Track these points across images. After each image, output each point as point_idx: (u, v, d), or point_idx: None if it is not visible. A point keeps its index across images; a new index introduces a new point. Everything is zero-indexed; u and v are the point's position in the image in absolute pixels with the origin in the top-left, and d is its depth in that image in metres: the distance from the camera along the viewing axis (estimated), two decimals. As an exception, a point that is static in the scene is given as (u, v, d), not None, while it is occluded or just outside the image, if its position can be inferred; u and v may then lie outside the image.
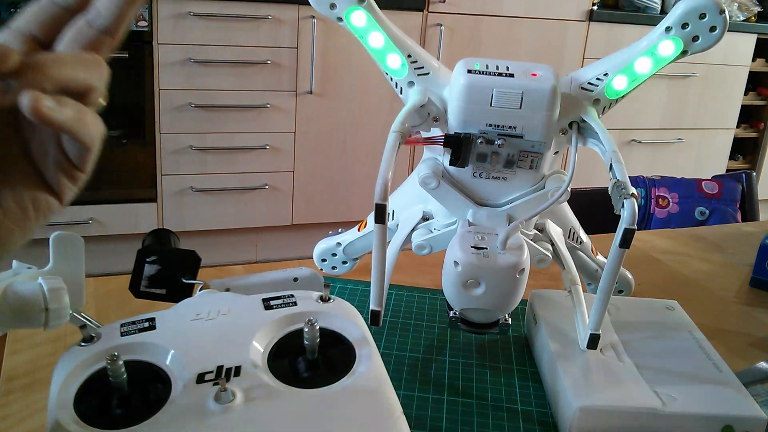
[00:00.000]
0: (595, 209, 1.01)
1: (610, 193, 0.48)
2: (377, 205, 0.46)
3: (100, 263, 2.12)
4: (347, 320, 0.42)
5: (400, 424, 0.36)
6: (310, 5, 0.54)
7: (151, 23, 1.94)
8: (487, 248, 0.50)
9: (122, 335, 0.40)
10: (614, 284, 0.50)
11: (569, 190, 0.54)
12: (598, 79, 0.54)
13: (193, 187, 2.16)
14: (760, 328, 0.70)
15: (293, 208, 2.32)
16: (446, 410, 0.52)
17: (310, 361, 0.39)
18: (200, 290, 0.48)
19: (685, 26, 0.51)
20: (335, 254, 0.69)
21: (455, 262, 0.49)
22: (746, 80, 2.85)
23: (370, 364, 0.39)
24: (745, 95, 2.90)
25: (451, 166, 0.54)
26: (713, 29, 0.50)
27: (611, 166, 0.50)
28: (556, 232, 0.61)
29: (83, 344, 0.39)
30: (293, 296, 0.44)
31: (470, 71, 0.52)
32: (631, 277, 0.70)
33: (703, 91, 2.77)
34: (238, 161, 2.19)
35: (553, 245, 0.60)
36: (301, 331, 0.40)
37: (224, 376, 0.37)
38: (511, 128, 0.52)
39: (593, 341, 0.52)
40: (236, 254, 2.35)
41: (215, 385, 0.36)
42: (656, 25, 0.52)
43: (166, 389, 0.36)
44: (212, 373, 0.37)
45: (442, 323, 0.64)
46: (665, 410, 0.48)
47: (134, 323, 0.41)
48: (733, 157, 3.06)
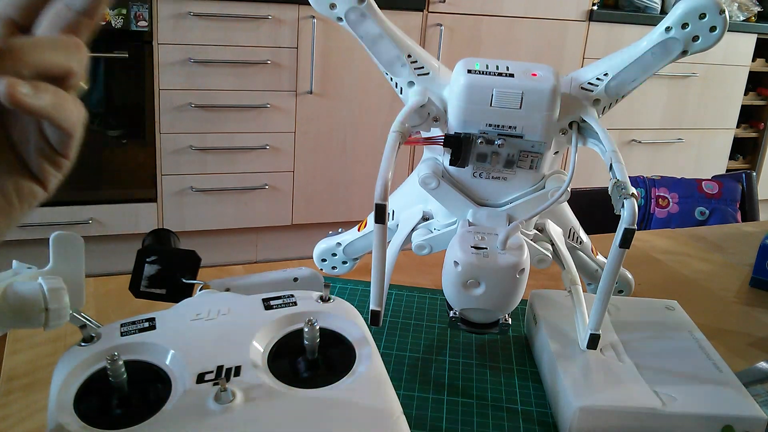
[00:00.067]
0: (595, 209, 1.01)
1: (610, 193, 0.48)
2: (377, 205, 0.46)
3: (100, 263, 2.12)
4: (347, 320, 0.42)
5: (400, 424, 0.36)
6: (310, 5, 0.54)
7: (151, 23, 1.94)
8: (487, 248, 0.50)
9: (122, 335, 0.40)
10: (614, 284, 0.50)
11: (569, 190, 0.54)
12: (598, 79, 0.54)
13: (193, 187, 2.16)
14: (760, 328, 0.70)
15: (293, 208, 2.32)
16: (446, 410, 0.52)
17: (310, 361, 0.39)
18: (200, 290, 0.48)
19: (685, 26, 0.51)
20: (335, 254, 0.69)
21: (455, 262, 0.49)
22: (746, 80, 2.85)
23: (370, 364, 0.39)
24: (745, 95, 2.90)
25: (451, 166, 0.54)
26: (713, 29, 0.50)
27: (611, 166, 0.50)
28: (556, 232, 0.61)
29: (83, 344, 0.39)
30: (293, 296, 0.44)
31: (470, 71, 0.52)
32: (631, 277, 0.70)
33: (703, 91, 2.77)
34: (238, 161, 2.19)
35: (553, 245, 0.60)
36: (301, 331, 0.40)
37: (224, 376, 0.37)
38: (511, 128, 0.52)
39: (593, 341, 0.52)
40: (236, 254, 2.35)
41: (215, 385, 0.36)
42: (656, 25, 0.52)
43: (166, 389, 0.36)
44: (212, 373, 0.37)
45: (442, 323, 0.64)
46: (665, 410, 0.48)
47: (134, 323, 0.41)
48: (733, 157, 3.06)
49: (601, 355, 0.54)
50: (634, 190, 0.47)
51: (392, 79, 0.56)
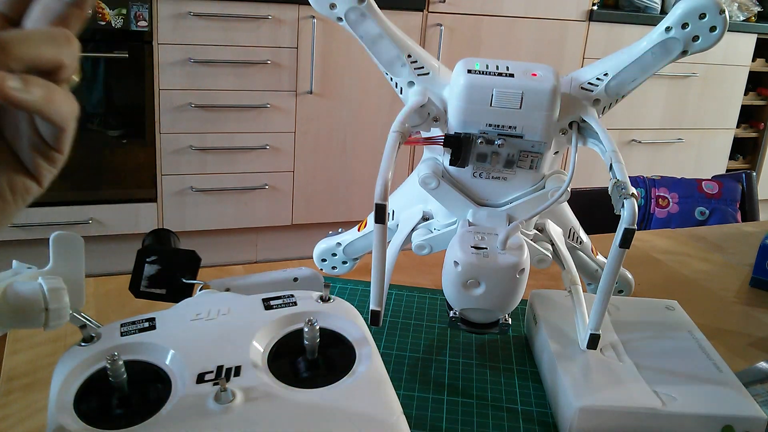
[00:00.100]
0: (595, 209, 1.01)
1: (610, 193, 0.48)
2: (377, 205, 0.46)
3: (100, 263, 2.12)
4: (347, 320, 0.42)
5: (400, 424, 0.36)
6: (310, 5, 0.54)
7: (151, 23, 1.94)
8: (487, 248, 0.50)
9: (122, 335, 0.40)
10: (614, 284, 0.50)
11: (569, 190, 0.54)
12: (598, 79, 0.54)
13: (193, 187, 2.16)
14: (760, 328, 0.70)
15: (293, 208, 2.32)
16: (446, 410, 0.52)
17: (310, 361, 0.39)
18: (200, 290, 0.48)
19: (685, 26, 0.51)
20: (335, 254, 0.69)
21: (455, 262, 0.49)
22: (746, 80, 2.85)
23: (370, 364, 0.39)
24: (745, 95, 2.90)
25: (451, 166, 0.54)
26: (713, 29, 0.50)
27: (611, 166, 0.50)
28: (556, 232, 0.61)
29: (83, 344, 0.39)
30: (293, 296, 0.44)
31: (470, 71, 0.52)
32: (631, 277, 0.70)
33: (703, 91, 2.77)
34: (238, 161, 2.19)
35: (553, 245, 0.60)
36: (301, 331, 0.40)
37: (224, 376, 0.37)
38: (511, 128, 0.52)
39: (593, 341, 0.52)
40: (236, 254, 2.35)
41: (215, 385, 0.36)
42: (656, 25, 0.52)
43: (166, 389, 0.36)
44: (212, 373, 0.37)
45: (442, 323, 0.64)
46: (665, 410, 0.48)
47: (134, 323, 0.41)
48: (733, 157, 3.06)
49: (601, 355, 0.54)
50: (634, 190, 0.47)
51: (392, 79, 0.56)
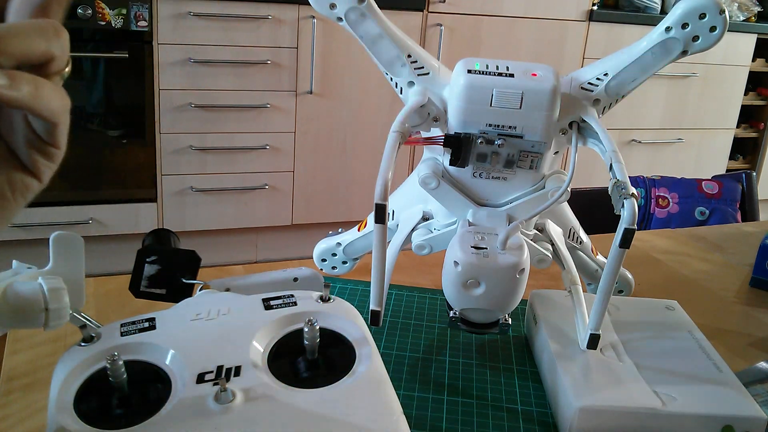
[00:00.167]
0: (595, 209, 1.01)
1: (610, 193, 0.48)
2: (377, 205, 0.46)
3: (100, 263, 2.12)
4: (347, 320, 0.42)
5: (400, 424, 0.36)
6: (310, 5, 0.54)
7: (151, 23, 1.94)
8: (487, 248, 0.50)
9: (122, 335, 0.40)
10: (614, 284, 0.50)
11: (569, 190, 0.54)
12: (598, 79, 0.54)
13: (193, 187, 2.16)
14: (760, 328, 0.70)
15: (293, 208, 2.32)
16: (446, 410, 0.52)
17: (310, 361, 0.39)
18: (200, 290, 0.48)
19: (685, 26, 0.51)
20: (335, 254, 0.69)
21: (455, 262, 0.49)
22: (746, 80, 2.85)
23: (370, 364, 0.39)
24: (745, 95, 2.90)
25: (451, 166, 0.54)
26: (713, 29, 0.50)
27: (611, 166, 0.50)
28: (556, 232, 0.61)
29: (83, 344, 0.39)
30: (293, 296, 0.44)
31: (470, 71, 0.52)
32: (631, 277, 0.70)
33: (703, 91, 2.77)
34: (238, 161, 2.19)
35: (553, 245, 0.60)
36: (301, 331, 0.40)
37: (224, 376, 0.37)
38: (511, 128, 0.52)
39: (593, 341, 0.52)
40: (236, 254, 2.35)
41: (215, 385, 0.36)
42: (656, 25, 0.52)
43: (166, 389, 0.36)
44: (212, 373, 0.37)
45: (442, 323, 0.64)
46: (665, 410, 0.48)
47: (134, 323, 0.41)
48: (733, 157, 3.06)
49: (601, 355, 0.54)
50: (634, 190, 0.47)
51: (392, 79, 0.56)
